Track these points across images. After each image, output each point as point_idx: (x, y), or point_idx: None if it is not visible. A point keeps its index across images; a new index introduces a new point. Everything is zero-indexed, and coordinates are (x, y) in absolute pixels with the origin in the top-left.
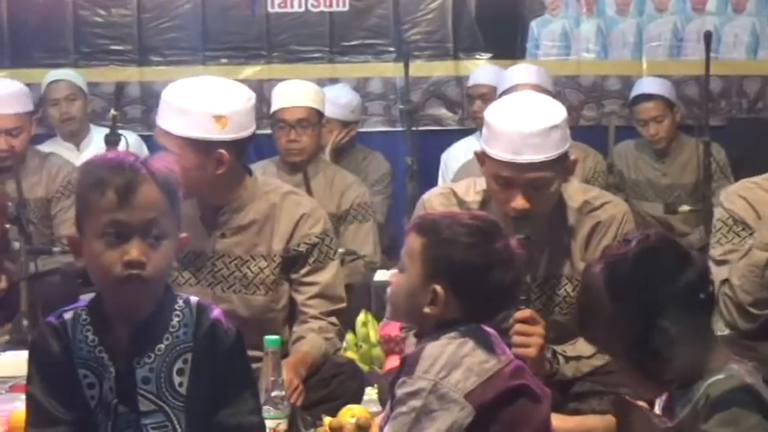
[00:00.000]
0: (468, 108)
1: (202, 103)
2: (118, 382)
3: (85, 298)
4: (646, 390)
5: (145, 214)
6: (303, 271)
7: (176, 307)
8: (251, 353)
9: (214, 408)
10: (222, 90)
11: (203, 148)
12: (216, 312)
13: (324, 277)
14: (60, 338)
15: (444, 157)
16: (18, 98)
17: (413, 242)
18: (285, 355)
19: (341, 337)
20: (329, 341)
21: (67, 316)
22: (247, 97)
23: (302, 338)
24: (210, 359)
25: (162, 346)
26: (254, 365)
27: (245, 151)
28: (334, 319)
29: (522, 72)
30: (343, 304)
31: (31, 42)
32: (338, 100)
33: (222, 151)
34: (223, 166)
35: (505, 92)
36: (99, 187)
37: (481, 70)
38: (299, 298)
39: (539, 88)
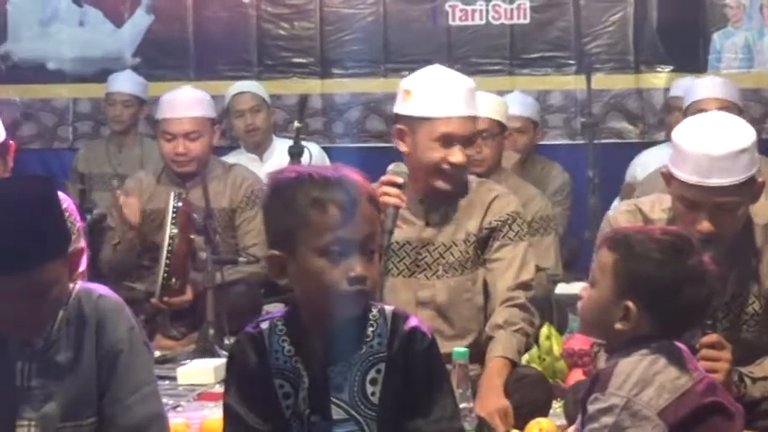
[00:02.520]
0: (668, 119)
1: (464, 82)
2: (312, 391)
3: (270, 309)
4: None
5: (365, 230)
6: (494, 246)
7: (371, 317)
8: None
9: (411, 417)
10: None
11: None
12: (412, 321)
13: (513, 253)
14: (258, 349)
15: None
16: (197, 103)
17: (604, 257)
18: (479, 353)
19: (531, 322)
20: (518, 332)
21: (264, 326)
22: None
23: (492, 339)
24: (406, 368)
25: (356, 355)
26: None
27: None
28: (519, 293)
29: (707, 86)
30: (530, 277)
31: (215, 55)
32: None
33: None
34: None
35: (691, 105)
36: (319, 205)
37: (680, 82)
38: (489, 276)
39: (726, 102)
